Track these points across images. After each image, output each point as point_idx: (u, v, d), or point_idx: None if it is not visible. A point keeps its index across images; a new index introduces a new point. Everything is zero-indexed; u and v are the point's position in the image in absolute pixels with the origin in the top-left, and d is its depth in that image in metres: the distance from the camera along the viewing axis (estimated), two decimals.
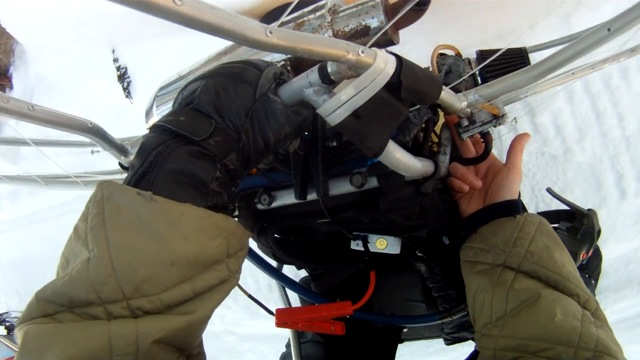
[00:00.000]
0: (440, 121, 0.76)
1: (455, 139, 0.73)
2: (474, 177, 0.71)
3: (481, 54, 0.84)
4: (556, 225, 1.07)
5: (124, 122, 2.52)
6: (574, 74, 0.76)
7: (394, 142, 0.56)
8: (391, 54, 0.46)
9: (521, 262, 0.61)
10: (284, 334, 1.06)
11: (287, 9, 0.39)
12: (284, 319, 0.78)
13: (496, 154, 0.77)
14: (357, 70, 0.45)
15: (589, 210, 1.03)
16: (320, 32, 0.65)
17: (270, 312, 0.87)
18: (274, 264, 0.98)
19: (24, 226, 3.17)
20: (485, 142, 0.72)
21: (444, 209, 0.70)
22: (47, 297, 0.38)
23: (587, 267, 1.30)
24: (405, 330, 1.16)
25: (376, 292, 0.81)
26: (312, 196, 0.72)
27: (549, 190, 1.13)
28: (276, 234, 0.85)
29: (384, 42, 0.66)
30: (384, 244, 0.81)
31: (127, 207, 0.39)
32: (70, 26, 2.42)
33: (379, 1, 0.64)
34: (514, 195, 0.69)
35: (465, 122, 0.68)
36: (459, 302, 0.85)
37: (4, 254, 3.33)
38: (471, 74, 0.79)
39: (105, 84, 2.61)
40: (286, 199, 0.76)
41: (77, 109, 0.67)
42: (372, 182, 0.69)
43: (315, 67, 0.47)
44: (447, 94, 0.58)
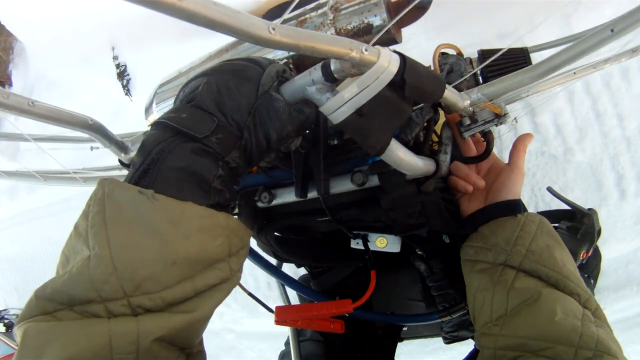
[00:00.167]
0: (440, 120, 0.76)
1: (456, 137, 0.73)
2: (478, 177, 0.71)
3: (483, 53, 0.84)
4: (556, 224, 1.07)
5: (123, 120, 2.51)
6: (575, 73, 0.76)
7: (396, 140, 0.56)
8: (395, 52, 0.46)
9: (522, 261, 0.61)
10: (283, 332, 1.06)
11: (290, 6, 0.38)
12: (284, 316, 0.78)
13: (496, 152, 0.77)
14: (360, 68, 0.44)
15: (590, 209, 1.03)
16: (322, 30, 0.64)
17: (270, 310, 0.87)
18: (274, 262, 0.97)
19: (22, 223, 3.17)
20: (486, 141, 0.72)
21: (444, 207, 0.70)
22: (46, 295, 0.38)
23: (587, 267, 1.30)
24: (404, 329, 1.16)
25: (376, 291, 0.81)
26: (312, 194, 0.71)
27: (550, 189, 1.13)
28: (276, 232, 0.85)
29: (387, 40, 0.66)
30: (384, 243, 0.81)
31: (129, 205, 0.39)
32: (70, 24, 2.42)
33: None
34: (516, 195, 0.69)
35: (467, 121, 0.68)
36: (458, 301, 0.85)
37: (3, 251, 3.33)
38: (473, 73, 0.79)
39: (104, 82, 2.60)
40: (287, 197, 0.76)
41: (77, 106, 0.67)
42: (374, 181, 0.68)
43: (318, 65, 0.47)
44: (450, 93, 0.58)
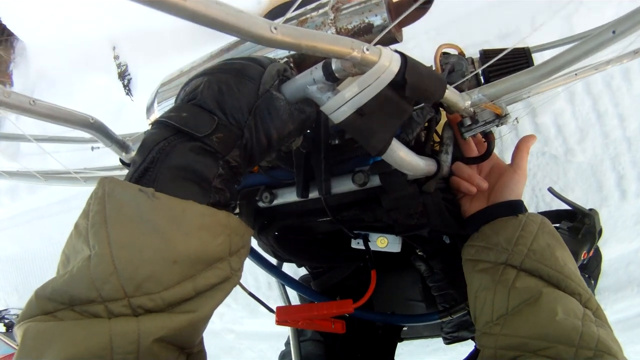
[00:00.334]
0: (442, 120, 0.76)
1: (457, 138, 0.73)
2: (481, 179, 0.71)
3: (484, 53, 0.84)
4: (557, 224, 1.07)
5: (124, 119, 2.52)
6: (577, 74, 0.76)
7: (398, 140, 0.56)
8: (396, 52, 0.46)
9: (523, 260, 0.61)
10: (284, 332, 1.06)
11: (292, 6, 0.38)
12: (284, 317, 0.78)
13: (497, 153, 0.76)
14: (361, 67, 0.44)
15: (590, 210, 1.02)
16: (323, 30, 0.64)
17: (270, 310, 0.87)
18: (274, 262, 0.97)
19: (23, 223, 3.17)
20: (487, 141, 0.72)
21: (445, 208, 0.70)
22: (47, 294, 0.38)
23: (587, 267, 1.30)
24: (404, 329, 1.16)
25: (376, 291, 0.81)
26: (313, 194, 0.71)
27: (551, 189, 1.13)
28: (277, 232, 0.85)
29: (387, 40, 0.66)
30: (384, 243, 0.81)
31: (129, 204, 0.39)
32: (71, 23, 2.42)
33: None
34: (518, 196, 0.69)
35: (467, 122, 0.68)
36: (458, 301, 0.85)
37: (4, 251, 3.33)
38: (474, 73, 0.78)
39: (105, 81, 2.60)
40: (288, 197, 0.76)
41: (78, 106, 0.66)
42: (375, 181, 0.68)
43: (319, 64, 0.47)
44: (451, 93, 0.58)
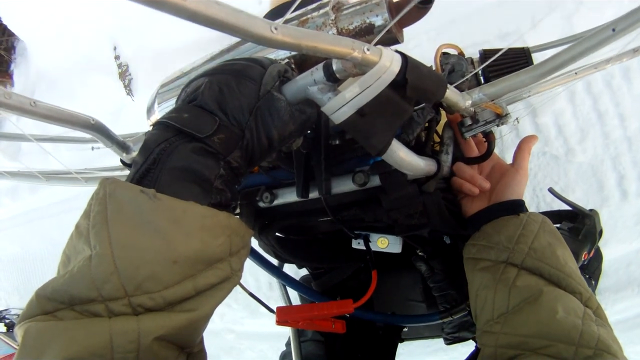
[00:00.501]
0: (442, 120, 0.76)
1: (457, 138, 0.73)
2: (483, 179, 0.70)
3: (484, 53, 0.84)
4: (558, 225, 1.06)
5: (125, 119, 2.52)
6: (576, 73, 0.76)
7: (398, 140, 0.56)
8: (396, 52, 0.46)
9: (524, 258, 0.61)
10: (284, 333, 1.06)
11: (293, 6, 0.38)
12: (285, 317, 0.78)
13: (497, 153, 0.77)
14: (362, 68, 0.44)
15: (591, 210, 1.02)
16: (324, 30, 0.64)
17: (271, 310, 0.87)
18: (275, 263, 0.97)
19: (24, 223, 3.18)
20: (487, 141, 0.72)
21: (446, 208, 0.70)
22: (47, 294, 0.38)
23: (588, 268, 1.30)
24: (405, 329, 1.16)
25: (376, 291, 0.81)
26: (314, 194, 0.71)
27: (551, 190, 1.13)
28: (277, 233, 0.85)
29: (388, 40, 0.66)
30: (385, 243, 0.81)
31: (130, 205, 0.39)
32: (71, 23, 2.42)
33: None
34: (520, 196, 0.69)
35: (468, 121, 0.68)
36: (459, 301, 0.85)
37: (5, 251, 3.34)
38: (474, 73, 0.78)
39: (106, 82, 2.61)
40: (288, 197, 0.76)
41: (78, 106, 0.67)
42: (375, 181, 0.68)
43: (320, 65, 0.47)
44: (451, 93, 0.58)
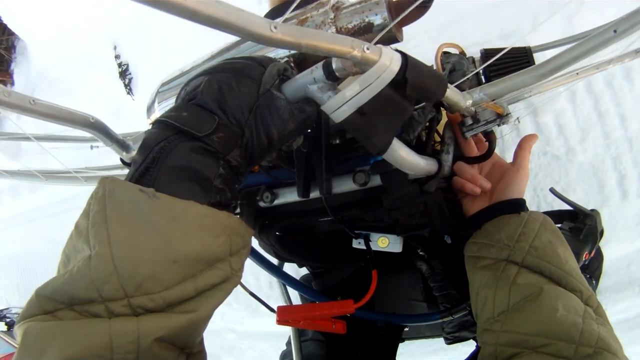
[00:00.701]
0: (443, 120, 0.76)
1: (458, 137, 0.72)
2: (484, 179, 0.70)
3: (485, 52, 0.84)
4: (559, 225, 1.06)
5: (125, 118, 2.52)
6: (578, 74, 0.76)
7: (398, 140, 0.55)
8: (396, 51, 0.46)
9: (525, 256, 0.60)
10: (285, 332, 1.06)
11: (292, 5, 0.38)
12: (286, 316, 0.78)
13: (498, 152, 0.76)
14: (362, 67, 0.44)
15: (592, 210, 1.02)
16: (323, 29, 0.64)
17: (271, 310, 0.86)
18: (275, 262, 0.97)
19: (24, 222, 3.18)
20: (488, 141, 0.72)
21: (446, 207, 0.70)
22: (47, 294, 0.38)
23: (589, 268, 1.30)
24: (406, 329, 1.15)
25: (377, 291, 0.81)
26: (314, 194, 0.71)
27: (552, 190, 1.13)
28: (278, 232, 0.85)
29: (388, 39, 0.66)
30: (385, 243, 0.81)
31: (129, 204, 0.39)
32: (72, 22, 2.42)
33: None
34: (521, 195, 0.69)
35: (469, 121, 0.68)
36: (460, 301, 0.85)
37: (5, 250, 3.34)
38: (475, 72, 0.78)
39: (106, 81, 2.61)
40: (288, 196, 0.75)
41: (78, 105, 0.66)
42: (376, 180, 0.68)
43: (319, 64, 0.47)
44: (452, 92, 0.58)
